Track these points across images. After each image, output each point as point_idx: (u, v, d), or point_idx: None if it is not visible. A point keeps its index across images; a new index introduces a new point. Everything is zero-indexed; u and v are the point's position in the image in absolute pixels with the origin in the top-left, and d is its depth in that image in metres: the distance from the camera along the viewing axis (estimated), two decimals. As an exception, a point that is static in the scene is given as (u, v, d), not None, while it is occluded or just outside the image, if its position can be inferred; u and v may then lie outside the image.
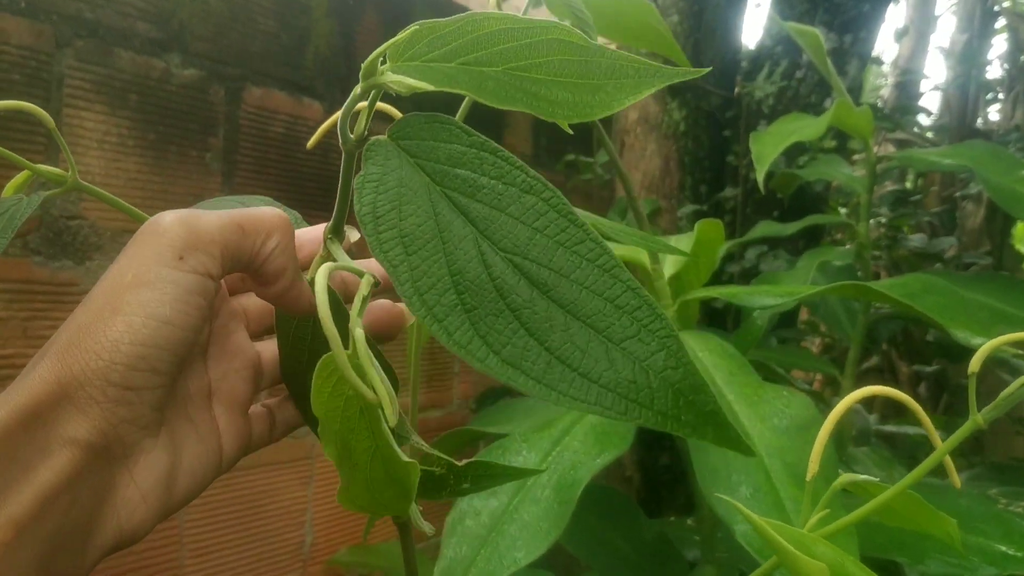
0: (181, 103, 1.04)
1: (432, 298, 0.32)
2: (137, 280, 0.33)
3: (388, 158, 0.35)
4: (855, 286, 0.82)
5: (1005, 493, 1.02)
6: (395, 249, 0.33)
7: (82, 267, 0.95)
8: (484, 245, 0.33)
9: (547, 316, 0.32)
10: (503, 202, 0.34)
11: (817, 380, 1.92)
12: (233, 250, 0.36)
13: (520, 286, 0.32)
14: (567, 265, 0.32)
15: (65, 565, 0.32)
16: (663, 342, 0.32)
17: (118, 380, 0.32)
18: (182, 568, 1.06)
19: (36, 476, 0.30)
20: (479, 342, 0.31)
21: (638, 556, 1.08)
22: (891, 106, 2.07)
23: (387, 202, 0.34)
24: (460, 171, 0.34)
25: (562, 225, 0.33)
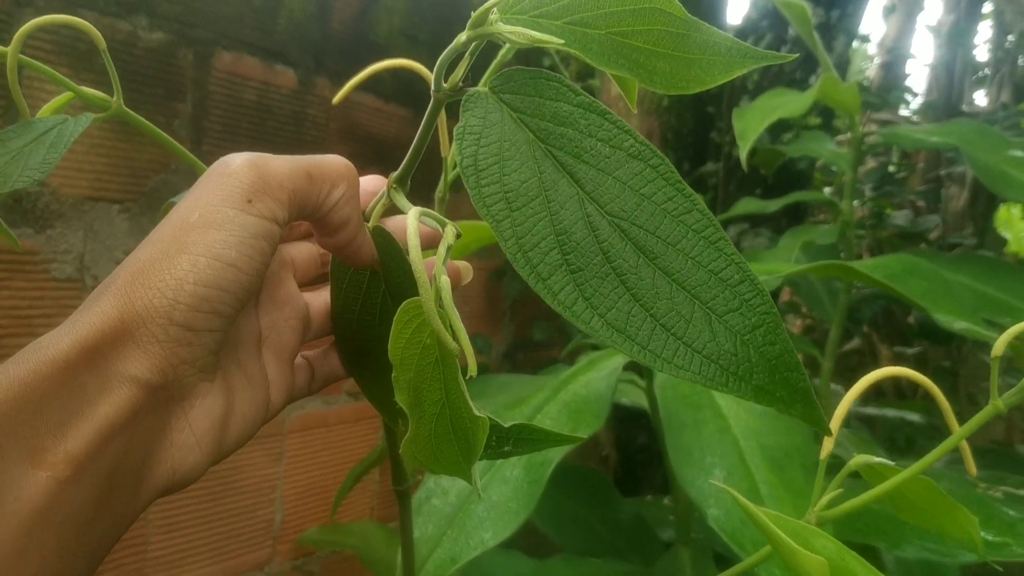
0: (148, 67, 1.00)
1: (536, 256, 0.32)
2: (204, 220, 0.33)
3: (489, 111, 0.35)
4: (838, 266, 0.81)
5: (984, 477, 1.01)
6: (498, 204, 0.33)
7: (43, 235, 0.92)
8: (590, 207, 0.33)
9: (653, 284, 0.32)
10: (610, 165, 0.34)
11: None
12: (301, 197, 0.35)
13: (627, 251, 0.33)
14: (674, 234, 0.33)
15: (120, 505, 0.32)
16: (763, 317, 0.32)
17: (180, 320, 0.32)
18: (148, 545, 1.04)
19: (96, 412, 0.30)
20: (583, 304, 0.32)
21: (612, 536, 1.06)
22: (877, 86, 2.05)
23: (489, 156, 0.34)
24: (566, 130, 0.34)
25: (670, 193, 0.33)
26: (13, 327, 0.90)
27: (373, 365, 0.43)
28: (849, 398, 0.46)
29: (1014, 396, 0.43)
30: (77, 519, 0.30)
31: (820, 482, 0.45)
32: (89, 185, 0.95)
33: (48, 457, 0.29)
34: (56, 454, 0.29)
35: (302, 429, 1.25)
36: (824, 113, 1.51)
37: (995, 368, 0.43)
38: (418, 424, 0.37)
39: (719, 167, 1.45)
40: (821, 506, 0.45)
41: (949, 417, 0.45)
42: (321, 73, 1.21)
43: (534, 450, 0.43)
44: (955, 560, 0.72)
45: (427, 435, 0.38)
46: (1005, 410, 0.43)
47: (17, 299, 0.90)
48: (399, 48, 1.34)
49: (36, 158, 0.40)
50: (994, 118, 1.36)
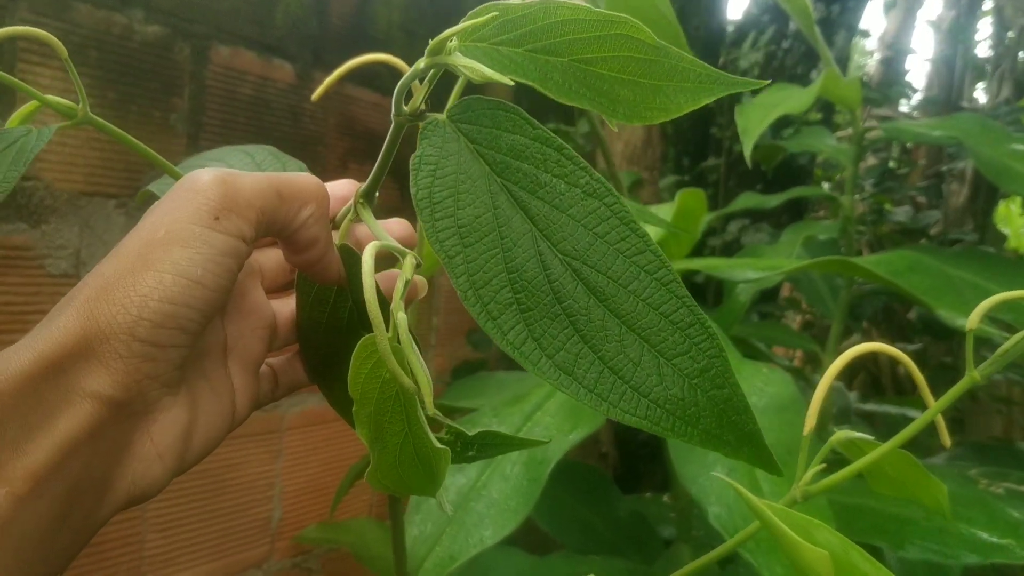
0: (144, 61, 0.99)
1: (487, 294, 0.32)
2: (170, 237, 0.33)
3: (446, 141, 0.35)
4: (840, 261, 0.80)
5: (986, 473, 1.00)
6: (451, 239, 0.33)
7: (37, 230, 0.91)
8: (543, 245, 0.33)
9: (603, 325, 0.32)
10: (565, 203, 0.33)
11: (797, 357, 1.90)
12: (269, 215, 0.35)
13: (578, 292, 0.32)
14: (626, 275, 0.32)
15: (80, 519, 0.31)
16: (712, 361, 0.32)
17: (144, 336, 0.31)
18: (144, 543, 1.03)
19: (56, 428, 0.30)
20: (532, 344, 0.32)
21: (612, 534, 1.06)
22: (877, 82, 2.05)
23: (444, 188, 0.33)
24: (522, 164, 0.34)
25: (623, 233, 0.33)
26: (7, 323, 0.89)
27: (338, 375, 0.43)
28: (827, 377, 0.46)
29: (989, 367, 0.43)
30: (36, 534, 0.29)
31: (804, 457, 0.45)
32: (84, 180, 0.94)
33: (6, 473, 0.28)
34: (15, 470, 0.28)
35: (300, 426, 1.24)
36: (824, 108, 1.50)
37: (970, 340, 0.43)
38: (381, 455, 0.37)
39: (720, 162, 1.44)
40: (805, 481, 0.45)
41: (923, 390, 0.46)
42: (319, 67, 1.20)
43: (497, 454, 0.43)
44: (958, 561, 0.72)
45: (391, 464, 0.38)
46: (981, 380, 0.43)
47: (11, 295, 0.89)
48: (398, 43, 1.34)
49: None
50: (995, 114, 1.35)
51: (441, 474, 0.38)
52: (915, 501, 0.48)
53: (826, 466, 0.47)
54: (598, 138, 0.82)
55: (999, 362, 0.44)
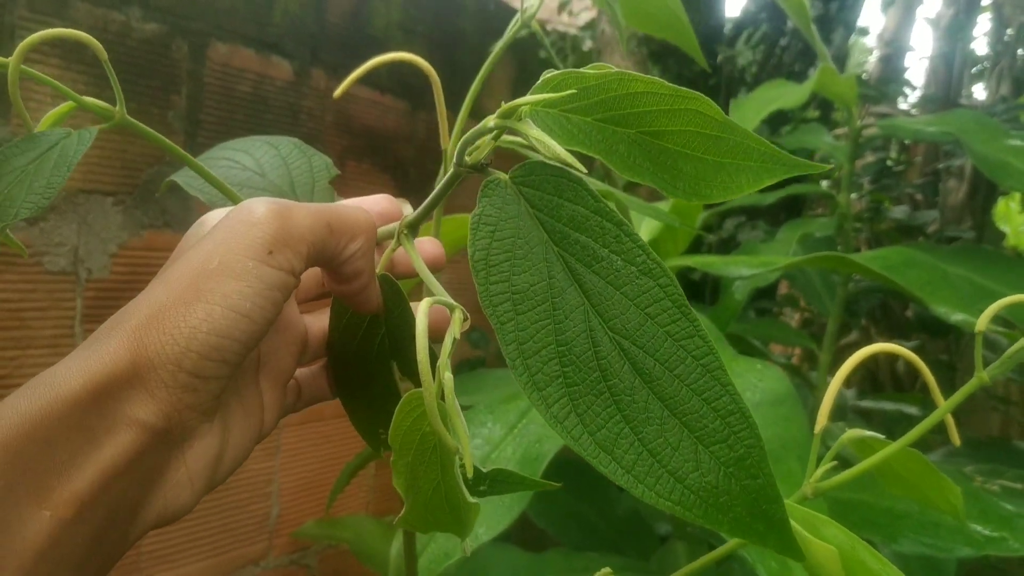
0: (142, 59, 0.99)
1: (535, 364, 0.32)
2: (223, 268, 0.33)
3: (507, 203, 0.34)
4: (835, 257, 0.80)
5: (980, 471, 1.00)
6: (504, 305, 0.33)
7: (35, 228, 0.91)
8: (595, 320, 0.33)
9: (646, 407, 0.32)
10: (620, 280, 0.33)
11: (796, 355, 1.90)
12: (319, 248, 0.36)
13: (624, 371, 0.32)
14: (673, 358, 0.32)
15: (112, 542, 0.32)
16: (749, 450, 0.32)
17: (190, 367, 0.32)
18: (142, 540, 1.04)
19: (101, 454, 0.30)
20: (576, 419, 0.32)
21: (609, 530, 1.06)
22: (875, 79, 2.05)
23: (501, 251, 0.33)
24: (581, 236, 0.34)
25: (674, 316, 0.32)
26: (5, 320, 0.89)
27: (363, 396, 0.43)
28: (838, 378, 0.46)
29: (997, 368, 0.44)
30: (74, 558, 0.30)
31: (815, 455, 0.45)
32: (82, 177, 0.94)
33: (53, 497, 0.29)
34: (61, 494, 0.29)
35: (298, 423, 1.24)
36: (822, 106, 1.50)
37: (979, 342, 0.44)
38: (415, 501, 0.38)
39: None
40: (816, 478, 0.45)
41: (934, 391, 0.46)
42: (317, 65, 1.21)
43: (508, 491, 0.43)
44: (952, 554, 0.72)
45: (422, 510, 0.38)
46: (989, 381, 0.43)
47: (9, 292, 0.90)
48: (396, 41, 1.34)
49: (40, 181, 0.39)
50: (993, 111, 1.35)
51: (470, 523, 0.39)
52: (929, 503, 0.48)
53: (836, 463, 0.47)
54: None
55: (1007, 364, 0.44)
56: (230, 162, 0.55)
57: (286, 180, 0.53)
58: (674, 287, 0.33)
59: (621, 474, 0.31)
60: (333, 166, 0.53)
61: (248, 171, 0.54)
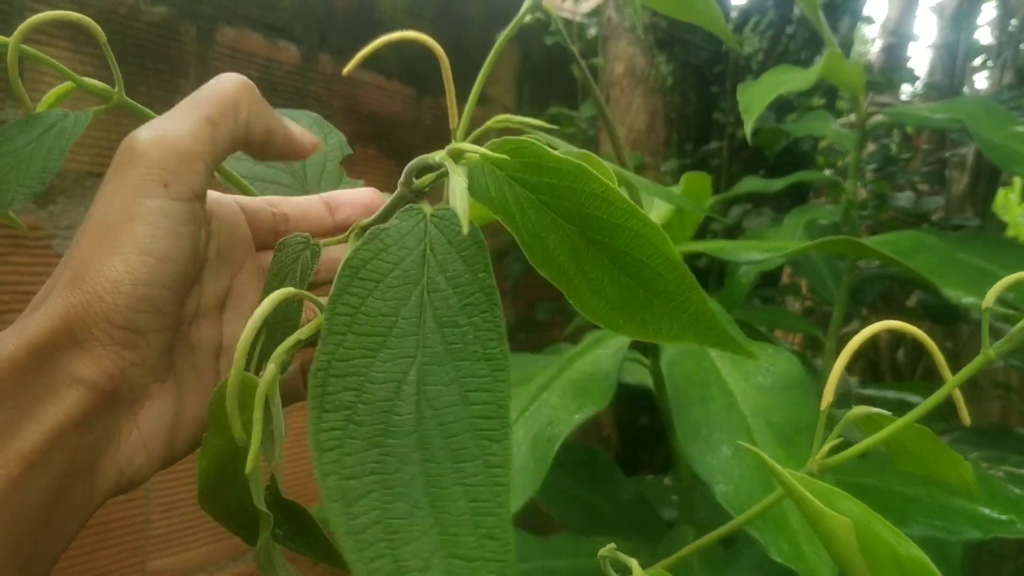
0: (150, 42, 0.99)
1: (333, 385, 0.30)
2: (125, 214, 0.32)
3: (412, 234, 0.33)
4: (846, 241, 0.80)
5: (985, 457, 1.01)
6: (344, 318, 0.31)
7: (44, 210, 0.91)
8: (413, 375, 0.31)
9: (408, 483, 0.29)
10: (462, 352, 0.31)
11: (796, 342, 1.91)
12: (212, 153, 0.34)
13: (409, 439, 0.30)
14: (466, 451, 0.29)
15: (72, 505, 0.32)
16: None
17: (122, 322, 0.31)
18: (148, 524, 1.04)
19: (45, 412, 0.30)
20: (336, 455, 0.29)
21: (615, 515, 1.06)
22: (879, 69, 2.05)
23: (376, 271, 0.32)
24: (453, 296, 0.32)
25: (492, 412, 0.30)
26: (14, 303, 0.89)
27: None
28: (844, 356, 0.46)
29: (1004, 344, 0.43)
30: (28, 518, 0.30)
31: (821, 431, 0.45)
32: (91, 160, 0.94)
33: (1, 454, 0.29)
34: (7, 452, 0.29)
35: (300, 408, 1.24)
36: (827, 95, 1.50)
37: (986, 318, 0.43)
38: (214, 485, 0.36)
39: (722, 146, 1.45)
40: (822, 454, 0.45)
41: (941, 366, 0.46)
42: (324, 50, 1.20)
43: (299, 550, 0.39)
44: (960, 536, 0.72)
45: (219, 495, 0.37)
46: (996, 358, 0.43)
47: (18, 274, 0.90)
48: (402, 25, 1.33)
49: (36, 165, 0.39)
50: (999, 99, 1.35)
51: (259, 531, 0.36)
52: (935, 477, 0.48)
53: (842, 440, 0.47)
54: (605, 121, 0.82)
55: (1015, 339, 0.44)
56: None
57: None
58: (505, 384, 0.31)
59: (345, 531, 0.28)
60: (347, 145, 0.53)
61: None
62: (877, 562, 0.36)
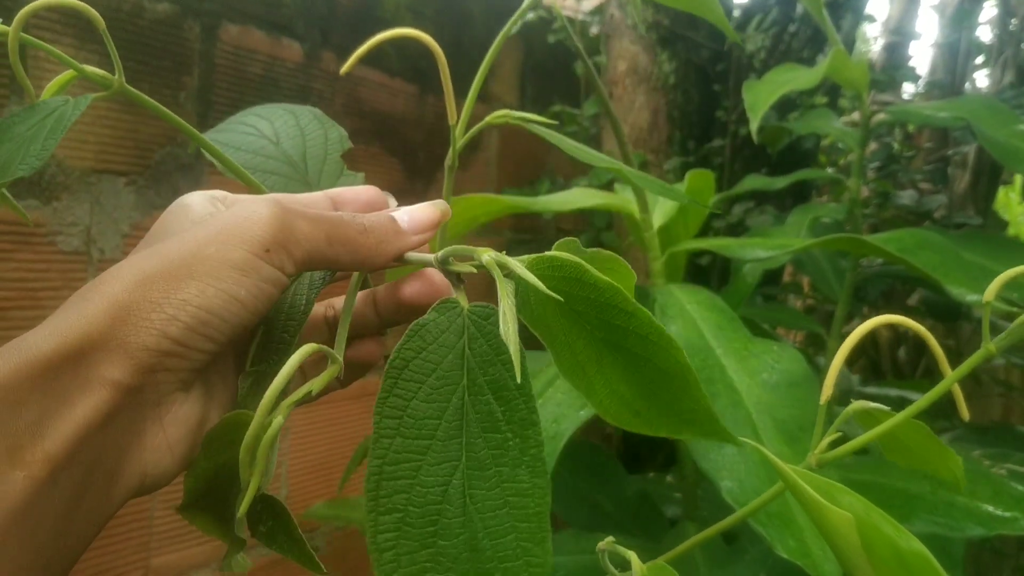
0: (154, 39, 0.99)
1: (387, 488, 0.32)
2: (221, 255, 0.34)
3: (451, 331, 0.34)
4: (851, 239, 0.80)
5: (988, 455, 1.01)
6: (392, 419, 0.33)
7: (49, 207, 0.91)
8: (459, 480, 0.33)
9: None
10: (504, 458, 0.33)
11: (798, 341, 1.91)
12: (314, 256, 0.36)
13: (459, 541, 0.32)
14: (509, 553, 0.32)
15: (93, 506, 0.32)
16: None
17: (175, 335, 0.32)
18: (152, 520, 1.04)
19: (74, 412, 0.30)
20: (393, 555, 0.32)
21: (619, 513, 1.07)
22: (881, 67, 2.05)
23: (419, 371, 0.33)
24: (492, 402, 0.34)
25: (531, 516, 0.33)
26: (19, 299, 0.89)
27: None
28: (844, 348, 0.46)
29: (1004, 339, 0.44)
30: (52, 519, 0.30)
31: (820, 426, 0.46)
32: (95, 157, 0.94)
33: (26, 456, 0.29)
34: (34, 454, 0.29)
35: (306, 405, 1.24)
36: (829, 93, 1.50)
37: (987, 313, 0.44)
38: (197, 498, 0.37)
39: (725, 144, 1.45)
40: (821, 449, 0.45)
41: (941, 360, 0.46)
42: (327, 47, 1.20)
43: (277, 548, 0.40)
44: (964, 533, 0.73)
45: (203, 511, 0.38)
46: (997, 353, 0.44)
47: (23, 271, 0.90)
48: (405, 23, 1.33)
49: (36, 145, 0.40)
50: (1001, 98, 1.35)
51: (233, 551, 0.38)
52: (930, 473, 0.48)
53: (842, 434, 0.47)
54: (610, 118, 0.82)
55: (1015, 334, 0.44)
56: (249, 128, 0.55)
57: (299, 151, 0.53)
58: (545, 491, 0.33)
59: None
60: (347, 139, 0.53)
61: (264, 139, 0.54)
62: (878, 556, 0.36)
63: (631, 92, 1.46)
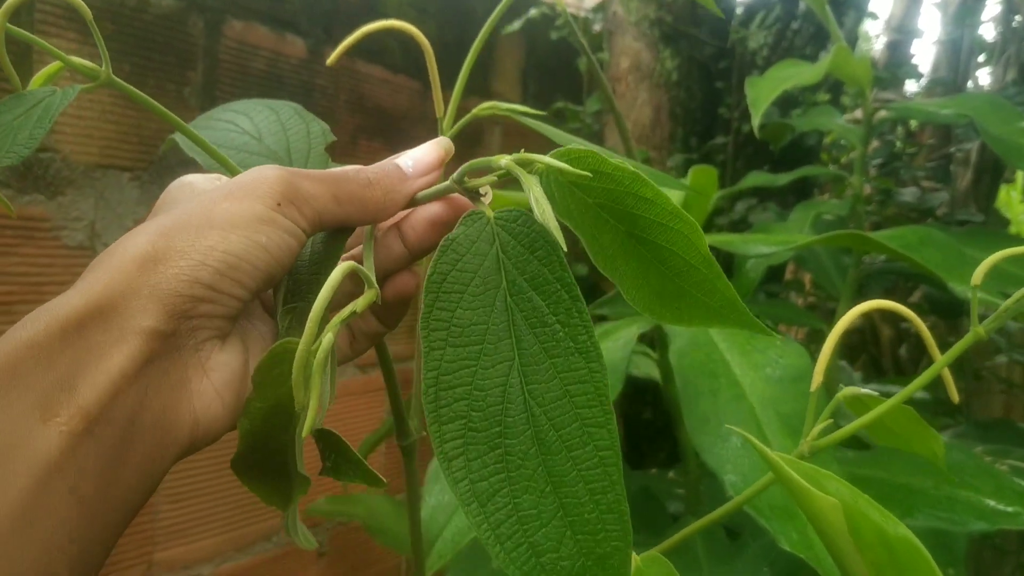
0: (158, 34, 0.99)
1: (445, 398, 0.32)
2: (236, 208, 0.34)
3: (481, 239, 0.35)
4: (854, 236, 0.81)
5: (990, 451, 1.01)
6: (440, 332, 0.33)
7: (53, 202, 0.91)
8: (516, 378, 0.33)
9: (532, 476, 0.32)
10: (555, 349, 0.33)
11: (799, 338, 1.91)
12: (324, 216, 0.37)
13: (525, 435, 0.32)
14: (575, 440, 0.32)
15: (142, 458, 0.32)
16: (615, 551, 0.32)
17: (206, 280, 0.33)
18: (157, 514, 1.04)
19: (107, 364, 0.30)
20: (463, 463, 0.32)
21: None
22: (883, 65, 2.05)
23: (457, 282, 0.34)
24: (536, 296, 0.34)
25: (591, 401, 0.33)
26: (24, 294, 0.89)
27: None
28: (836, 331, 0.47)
29: (993, 322, 0.44)
30: (95, 472, 0.30)
31: (812, 414, 0.46)
32: (99, 152, 0.95)
33: (60, 410, 0.29)
34: (68, 408, 0.29)
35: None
36: (832, 90, 1.50)
37: (975, 297, 0.44)
38: (251, 447, 0.37)
39: (727, 141, 1.45)
40: (813, 436, 0.46)
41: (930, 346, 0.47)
42: (331, 43, 1.21)
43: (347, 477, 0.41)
44: (966, 528, 0.73)
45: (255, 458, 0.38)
46: (986, 336, 0.44)
47: (27, 266, 0.90)
48: (408, 19, 1.33)
49: (23, 133, 0.40)
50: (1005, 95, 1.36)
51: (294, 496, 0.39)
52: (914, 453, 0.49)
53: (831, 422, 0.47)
54: (614, 113, 0.82)
55: (1001, 317, 0.45)
56: (229, 124, 0.55)
57: (282, 146, 0.53)
58: (601, 375, 0.33)
59: (485, 528, 0.31)
60: (330, 132, 0.53)
61: (246, 135, 0.54)
62: (865, 542, 0.36)
63: (633, 89, 1.46)
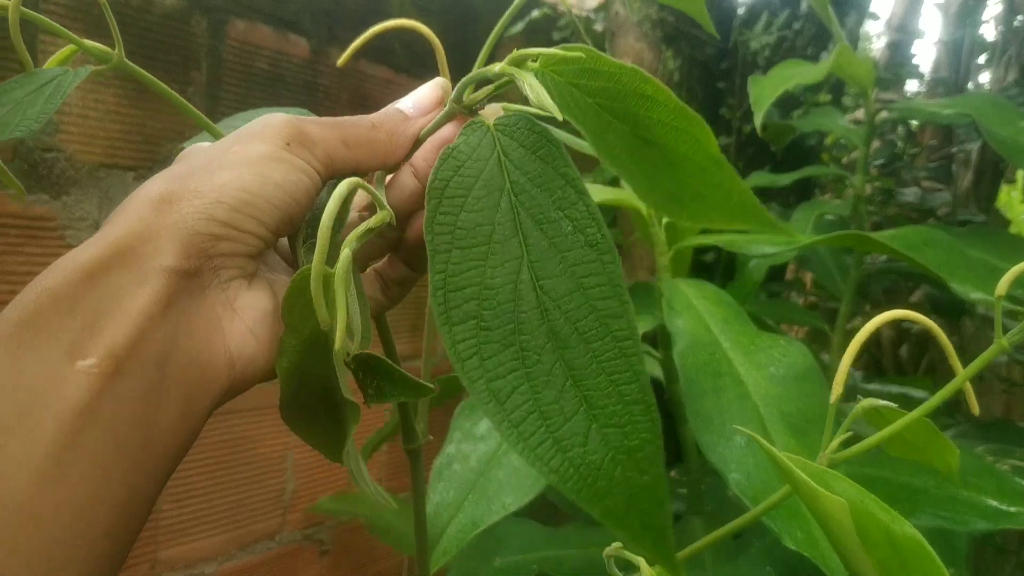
0: (162, 34, 1.00)
1: (455, 299, 0.32)
2: (246, 149, 0.34)
3: (482, 145, 0.35)
4: (856, 236, 0.81)
5: (991, 451, 1.01)
6: (444, 236, 0.33)
7: (58, 201, 0.92)
8: (526, 275, 0.33)
9: (550, 370, 0.31)
10: (564, 243, 0.33)
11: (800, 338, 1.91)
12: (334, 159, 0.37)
13: (540, 330, 0.32)
14: (592, 332, 0.32)
15: (179, 400, 0.31)
16: (644, 444, 0.31)
17: (222, 217, 0.33)
18: (159, 513, 1.05)
19: (131, 305, 0.30)
20: (477, 361, 0.31)
21: (623, 507, 1.07)
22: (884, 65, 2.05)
23: (460, 187, 0.34)
24: (540, 193, 0.34)
25: (606, 293, 0.32)
26: (29, 293, 0.89)
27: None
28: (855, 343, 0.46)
29: (1017, 335, 0.44)
30: (131, 416, 0.29)
31: (830, 426, 0.46)
32: (104, 152, 0.95)
33: (88, 353, 0.29)
34: (96, 350, 0.29)
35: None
36: (833, 91, 1.51)
37: (999, 308, 0.43)
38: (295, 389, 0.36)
39: (730, 142, 1.45)
40: (832, 449, 0.46)
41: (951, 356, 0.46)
42: (334, 43, 1.21)
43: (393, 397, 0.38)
44: (968, 527, 0.73)
45: (300, 399, 0.37)
46: (1010, 348, 0.44)
47: (32, 265, 0.90)
48: (411, 18, 1.34)
49: (34, 108, 0.40)
50: (1007, 93, 1.36)
51: (348, 426, 0.37)
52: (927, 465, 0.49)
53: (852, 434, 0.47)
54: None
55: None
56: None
57: None
58: (615, 265, 0.33)
59: (506, 427, 0.31)
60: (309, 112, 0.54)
61: None
62: (871, 541, 0.36)
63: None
